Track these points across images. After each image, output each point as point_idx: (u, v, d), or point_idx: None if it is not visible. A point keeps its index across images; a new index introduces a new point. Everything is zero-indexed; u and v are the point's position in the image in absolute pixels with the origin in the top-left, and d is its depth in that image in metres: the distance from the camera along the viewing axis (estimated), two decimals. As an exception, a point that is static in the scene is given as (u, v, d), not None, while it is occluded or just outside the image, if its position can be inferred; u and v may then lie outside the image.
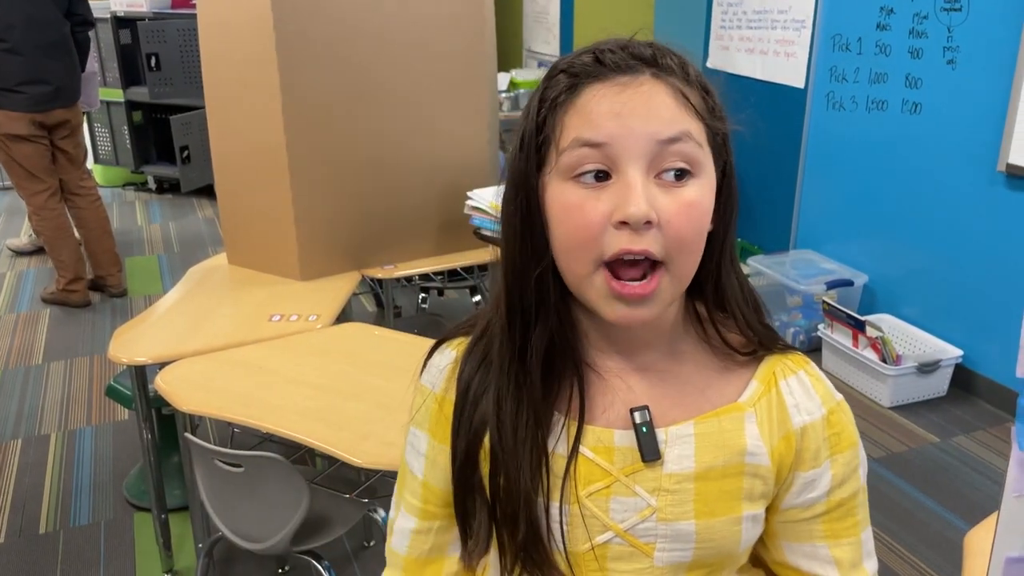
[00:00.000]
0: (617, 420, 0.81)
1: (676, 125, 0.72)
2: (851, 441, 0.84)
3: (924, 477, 2.74)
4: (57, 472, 2.78)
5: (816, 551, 0.86)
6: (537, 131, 0.75)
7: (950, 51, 3.11)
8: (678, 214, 0.72)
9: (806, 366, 0.85)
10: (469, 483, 0.83)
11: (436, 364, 0.89)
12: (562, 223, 0.74)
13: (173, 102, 5.55)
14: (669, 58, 0.75)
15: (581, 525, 0.80)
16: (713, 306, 0.83)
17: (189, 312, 2.24)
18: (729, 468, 0.80)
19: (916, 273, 3.39)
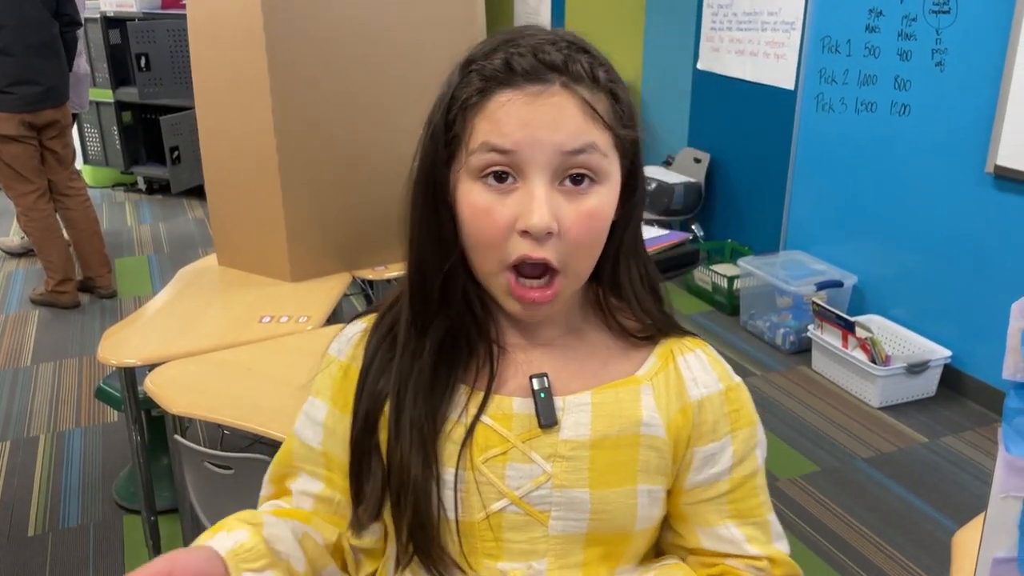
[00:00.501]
0: (517, 389, 0.84)
1: (581, 137, 0.74)
2: (750, 419, 0.87)
3: (913, 477, 2.75)
4: (46, 474, 2.76)
5: (729, 531, 0.87)
6: (447, 128, 0.77)
7: (938, 53, 3.13)
8: (577, 223, 0.75)
9: (704, 347, 0.89)
10: (367, 446, 0.84)
11: (345, 334, 0.91)
12: (470, 224, 0.77)
13: (163, 102, 5.52)
14: (580, 64, 0.75)
15: (476, 492, 0.81)
16: (609, 292, 0.86)
17: (179, 313, 2.23)
18: (624, 438, 0.82)
19: (905, 274, 3.41)
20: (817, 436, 3.00)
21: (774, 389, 3.33)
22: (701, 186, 4.37)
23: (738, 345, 3.72)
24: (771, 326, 3.70)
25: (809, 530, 2.48)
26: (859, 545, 2.42)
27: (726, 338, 3.79)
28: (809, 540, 2.44)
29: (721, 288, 4.02)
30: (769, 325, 3.71)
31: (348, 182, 2.46)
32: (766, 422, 3.26)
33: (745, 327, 3.85)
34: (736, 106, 4.23)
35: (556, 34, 0.78)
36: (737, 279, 3.91)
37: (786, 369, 3.49)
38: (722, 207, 4.43)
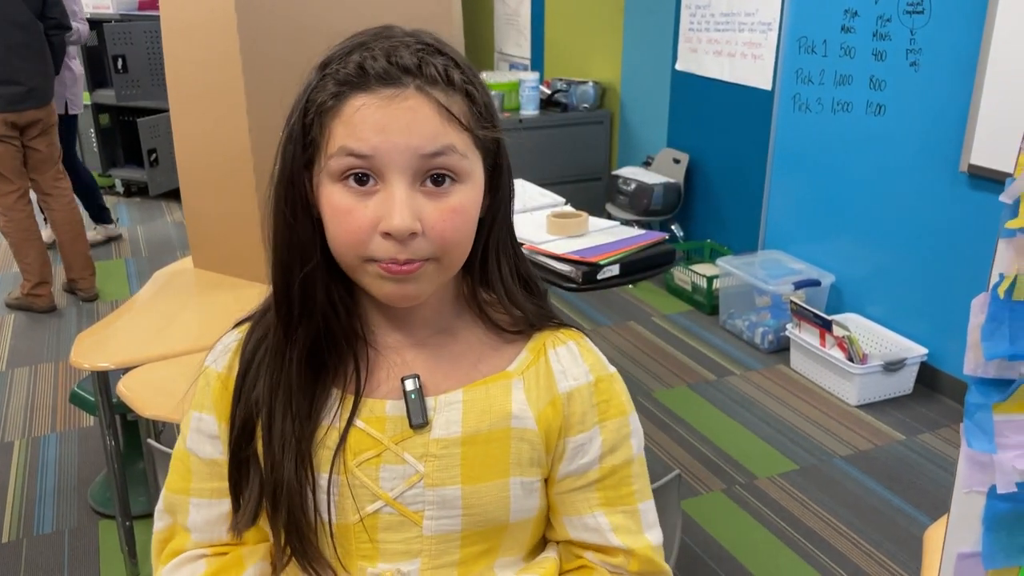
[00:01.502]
0: (391, 392, 0.84)
1: (438, 140, 0.75)
2: (620, 409, 0.88)
3: (890, 474, 2.77)
4: (21, 480, 2.73)
5: (596, 521, 0.88)
6: (304, 132, 0.77)
7: (913, 53, 3.15)
8: (441, 220, 0.76)
9: (578, 338, 0.90)
10: (244, 453, 0.84)
11: (220, 345, 0.91)
12: (332, 224, 0.77)
13: (140, 104, 5.49)
14: (434, 66, 0.76)
15: (349, 496, 0.82)
16: (479, 286, 0.87)
17: (153, 316, 2.21)
18: (495, 432, 0.83)
19: (882, 273, 3.44)
20: (795, 434, 3.01)
21: (753, 388, 3.34)
22: (680, 186, 4.39)
23: (717, 344, 3.73)
24: (750, 325, 3.71)
25: (787, 528, 2.50)
26: (836, 542, 2.44)
27: (705, 338, 3.80)
28: (787, 538, 2.46)
29: (700, 288, 4.03)
30: (748, 324, 3.72)
31: (324, 184, 2.45)
32: (745, 421, 3.27)
33: (724, 326, 3.87)
34: (714, 107, 4.24)
35: (412, 35, 0.80)
36: (716, 279, 3.93)
37: (765, 368, 3.51)
38: (701, 207, 4.45)
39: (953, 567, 0.89)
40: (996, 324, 0.77)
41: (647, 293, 4.29)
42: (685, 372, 3.48)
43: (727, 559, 2.37)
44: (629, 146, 4.99)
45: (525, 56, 5.95)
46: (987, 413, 0.80)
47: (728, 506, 2.61)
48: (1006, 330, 0.76)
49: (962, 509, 0.85)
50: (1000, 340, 0.77)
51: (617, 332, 3.86)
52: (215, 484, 0.88)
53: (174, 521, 0.90)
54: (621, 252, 2.20)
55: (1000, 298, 0.77)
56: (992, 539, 0.85)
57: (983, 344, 0.76)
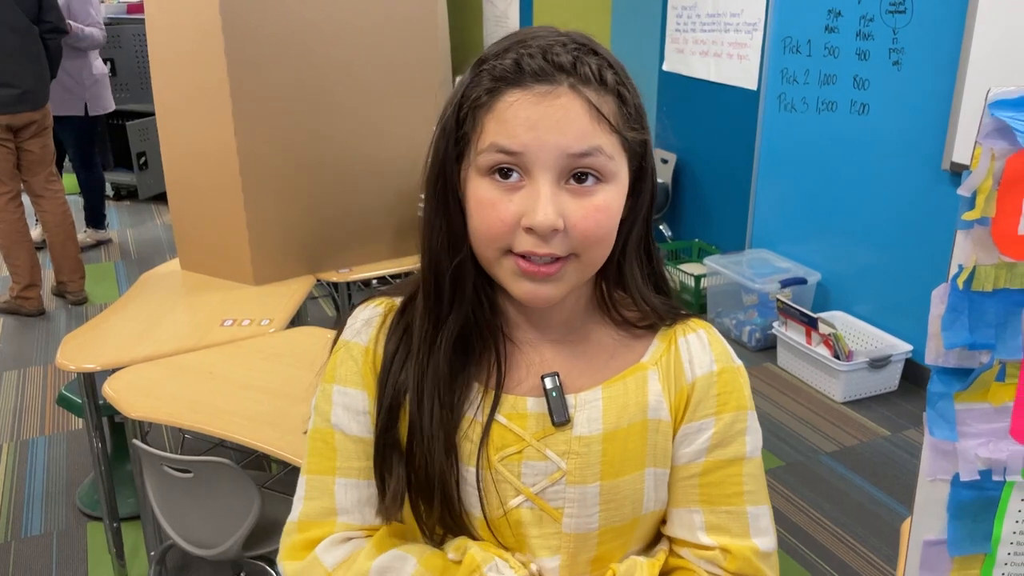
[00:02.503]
0: (531, 389, 0.84)
1: (587, 140, 0.75)
2: (740, 404, 0.86)
3: (874, 470, 2.79)
4: (9, 483, 2.73)
5: (691, 517, 0.86)
6: (457, 126, 0.78)
7: (895, 52, 3.18)
8: (585, 218, 0.76)
9: (707, 327, 0.89)
10: (388, 438, 0.84)
11: (361, 319, 0.89)
12: (476, 216, 0.77)
13: (130, 108, 5.49)
14: (588, 65, 0.76)
15: (494, 490, 0.83)
16: (614, 286, 0.87)
17: (140, 318, 2.22)
18: (634, 426, 0.84)
19: (867, 270, 3.46)
20: (782, 431, 3.03)
21: (740, 386, 3.36)
22: (668, 187, 4.41)
23: (705, 343, 3.74)
24: (737, 324, 3.73)
25: (773, 524, 2.51)
26: (822, 538, 2.46)
27: (694, 336, 3.81)
28: (773, 534, 2.47)
29: (688, 287, 4.05)
30: (735, 323, 3.74)
31: (310, 184, 2.46)
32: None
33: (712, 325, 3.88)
34: (701, 107, 4.27)
35: (567, 35, 0.80)
36: (704, 278, 3.95)
37: (752, 366, 3.53)
38: (689, 207, 4.47)
39: (919, 555, 0.90)
40: (956, 314, 0.78)
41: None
42: (673, 371, 3.50)
43: (713, 555, 2.38)
44: (617, 146, 5.00)
45: (514, 57, 5.96)
46: (948, 402, 0.81)
47: (715, 503, 2.62)
48: (965, 320, 0.78)
49: (927, 497, 0.87)
50: (960, 330, 0.78)
51: (606, 331, 3.87)
52: (362, 463, 0.85)
53: (318, 504, 0.86)
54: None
55: (959, 289, 0.78)
56: (957, 526, 0.87)
57: (943, 334, 0.78)
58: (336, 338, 0.90)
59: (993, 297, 0.78)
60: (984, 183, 0.75)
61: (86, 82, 4.48)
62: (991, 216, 0.76)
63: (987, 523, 0.85)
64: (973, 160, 0.75)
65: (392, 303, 0.89)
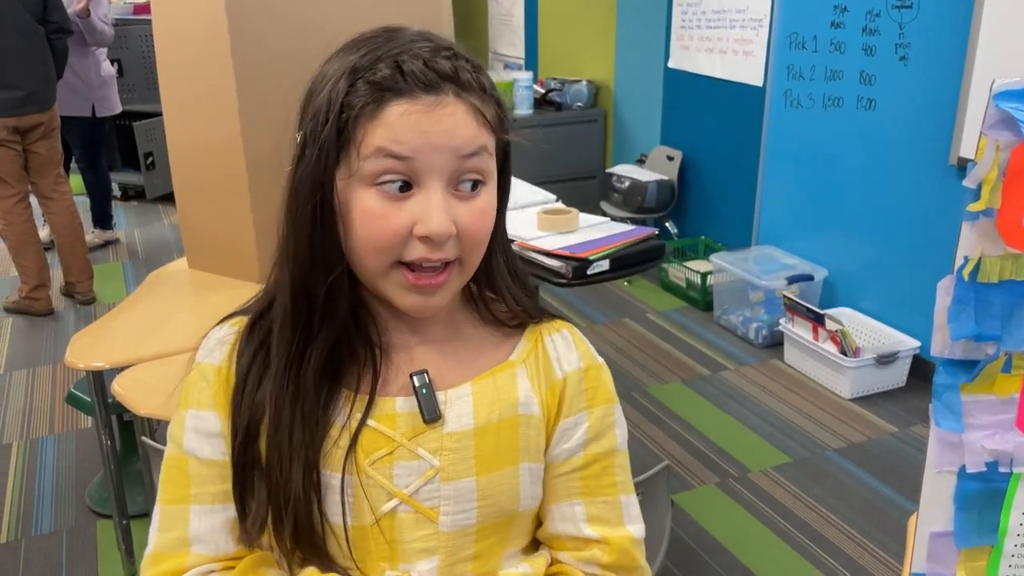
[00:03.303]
0: (400, 389, 0.85)
1: (475, 142, 0.77)
2: (607, 398, 0.90)
3: (883, 467, 2.78)
4: (19, 481, 2.75)
5: (573, 510, 0.89)
6: (337, 136, 0.76)
7: (902, 48, 3.17)
8: (473, 222, 0.78)
9: (570, 328, 0.93)
10: (247, 459, 0.82)
11: (214, 339, 0.88)
12: (362, 228, 0.76)
13: (137, 108, 5.51)
14: (467, 72, 0.77)
15: (363, 497, 0.82)
16: (484, 285, 0.89)
17: (148, 316, 2.23)
18: (505, 421, 0.85)
19: (874, 266, 3.45)
20: (789, 428, 3.03)
21: (747, 383, 3.36)
22: (674, 183, 4.40)
23: (712, 340, 3.75)
24: (744, 321, 3.73)
25: (780, 520, 2.51)
26: (829, 534, 2.45)
27: (700, 333, 3.82)
28: (780, 530, 2.47)
29: (695, 284, 4.05)
30: (742, 320, 3.74)
31: (317, 183, 2.47)
32: (739, 415, 3.28)
33: (718, 322, 3.89)
34: (707, 103, 4.26)
35: (430, 40, 0.80)
36: (710, 275, 3.94)
37: (759, 363, 3.52)
38: (695, 204, 4.47)
39: (926, 547, 0.91)
40: (961, 305, 0.78)
41: (642, 290, 4.31)
42: (679, 367, 3.50)
43: (720, 552, 2.39)
44: (623, 144, 5.01)
45: (519, 56, 5.97)
46: (955, 393, 0.81)
47: (721, 499, 2.63)
48: (971, 311, 0.78)
49: (933, 489, 0.87)
50: (966, 321, 0.78)
51: (612, 328, 3.87)
52: (217, 487, 0.83)
53: (171, 535, 0.83)
54: (611, 247, 2.22)
55: (965, 280, 0.78)
56: (964, 518, 0.87)
57: (949, 325, 0.78)
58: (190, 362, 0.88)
59: (999, 288, 0.78)
60: (989, 174, 0.75)
61: (94, 83, 4.49)
62: (996, 207, 0.76)
63: (994, 515, 0.85)
64: (978, 151, 0.75)
65: (243, 320, 0.87)
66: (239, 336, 0.86)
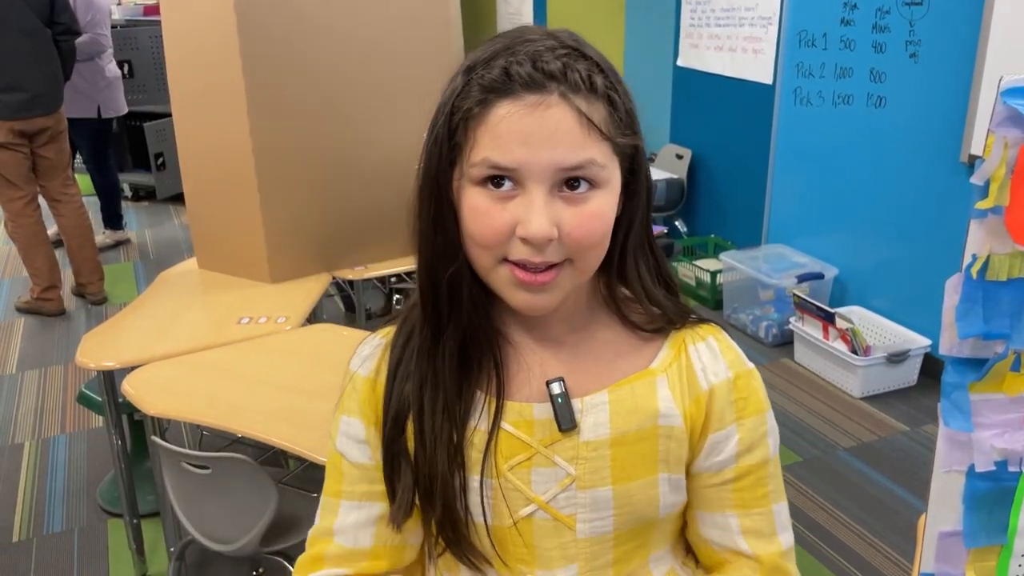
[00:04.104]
0: (536, 394, 0.84)
1: (580, 153, 0.74)
2: (758, 408, 0.87)
3: (894, 466, 2.77)
4: (30, 480, 2.77)
5: (727, 521, 0.88)
6: (449, 135, 0.77)
7: (912, 45, 3.15)
8: (579, 226, 0.76)
9: (716, 333, 0.89)
10: (396, 447, 0.85)
11: (363, 350, 0.91)
12: (470, 224, 0.77)
13: (147, 109, 5.53)
14: (578, 71, 0.75)
15: (503, 499, 0.83)
16: (617, 283, 0.86)
17: (158, 316, 2.24)
18: (644, 432, 0.83)
19: (884, 265, 3.44)
20: (799, 427, 3.02)
21: (757, 382, 3.35)
22: (683, 182, 4.39)
23: (722, 339, 3.73)
24: (754, 319, 3.72)
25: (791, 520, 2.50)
26: (840, 534, 2.44)
27: (710, 332, 3.80)
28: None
29: (704, 283, 4.04)
30: (752, 318, 3.73)
31: (325, 183, 2.47)
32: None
33: (728, 321, 3.87)
34: (716, 102, 4.25)
35: (556, 38, 0.78)
36: (720, 273, 3.93)
37: (769, 362, 3.51)
38: (704, 202, 4.46)
39: (935, 547, 0.90)
40: (970, 304, 0.78)
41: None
42: (689, 367, 3.49)
43: (730, 551, 2.38)
44: (632, 143, 4.99)
45: (528, 55, 5.96)
46: (963, 392, 0.81)
47: (732, 498, 2.62)
48: (979, 309, 0.78)
49: (942, 488, 0.86)
50: (974, 319, 0.78)
51: (621, 328, 3.86)
52: (364, 487, 0.88)
53: (323, 524, 0.90)
54: (619, 246, 2.21)
55: (973, 278, 0.78)
56: (973, 518, 0.86)
57: (957, 324, 0.77)
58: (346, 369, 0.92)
59: (1008, 286, 0.77)
60: (997, 171, 0.74)
61: (99, 84, 4.50)
62: (1005, 205, 0.75)
63: (1003, 514, 0.84)
64: (986, 148, 0.74)
65: (392, 328, 0.90)
66: (387, 348, 0.89)
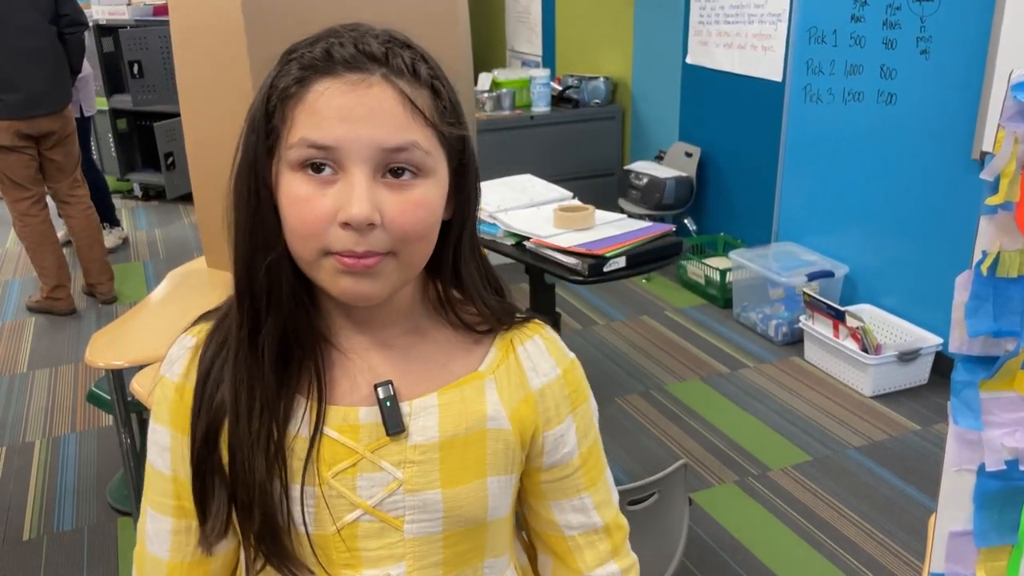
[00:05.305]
0: (362, 399, 0.82)
1: (402, 134, 0.73)
2: (584, 395, 0.91)
3: (905, 465, 2.75)
4: (41, 479, 2.78)
5: (583, 502, 0.91)
6: (267, 119, 0.75)
7: (923, 41, 3.13)
8: (403, 212, 0.74)
9: (541, 330, 0.90)
10: (208, 465, 0.81)
11: (175, 353, 0.86)
12: (290, 213, 0.74)
13: (157, 109, 5.53)
14: (401, 57, 0.74)
15: (325, 507, 0.80)
16: (452, 288, 0.86)
17: (167, 315, 2.24)
18: (471, 435, 0.83)
19: (895, 262, 3.42)
20: (809, 426, 3.00)
21: (766, 380, 3.33)
22: (692, 180, 4.38)
23: (731, 337, 3.72)
24: (764, 318, 3.70)
25: (800, 519, 2.49)
26: (850, 533, 2.43)
27: (719, 331, 3.79)
28: (800, 529, 2.45)
29: (714, 281, 4.02)
30: (762, 317, 3.71)
31: (333, 182, 2.47)
32: (758, 413, 3.25)
33: (738, 319, 3.86)
34: (726, 99, 4.23)
35: (382, 29, 0.79)
36: (729, 272, 3.92)
37: (779, 360, 3.50)
38: (714, 200, 4.44)
39: (945, 546, 0.89)
40: (980, 301, 0.77)
41: (660, 287, 4.29)
42: (698, 365, 3.48)
43: (740, 550, 2.37)
44: (641, 141, 4.98)
45: (536, 53, 5.96)
46: (973, 391, 0.80)
47: (741, 498, 2.61)
48: (990, 307, 0.77)
49: (952, 487, 0.86)
50: (984, 317, 0.77)
51: (630, 326, 3.86)
52: (158, 497, 0.85)
53: (140, 526, 0.89)
54: (627, 244, 2.20)
55: (983, 275, 0.77)
56: (983, 517, 0.86)
57: (967, 322, 0.77)
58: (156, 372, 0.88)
59: (1018, 283, 0.76)
60: (1008, 167, 0.73)
61: (78, 84, 4.50)
62: (1015, 200, 0.74)
63: (1014, 513, 0.84)
64: (996, 144, 0.73)
65: (207, 326, 0.86)
66: (195, 349, 0.84)
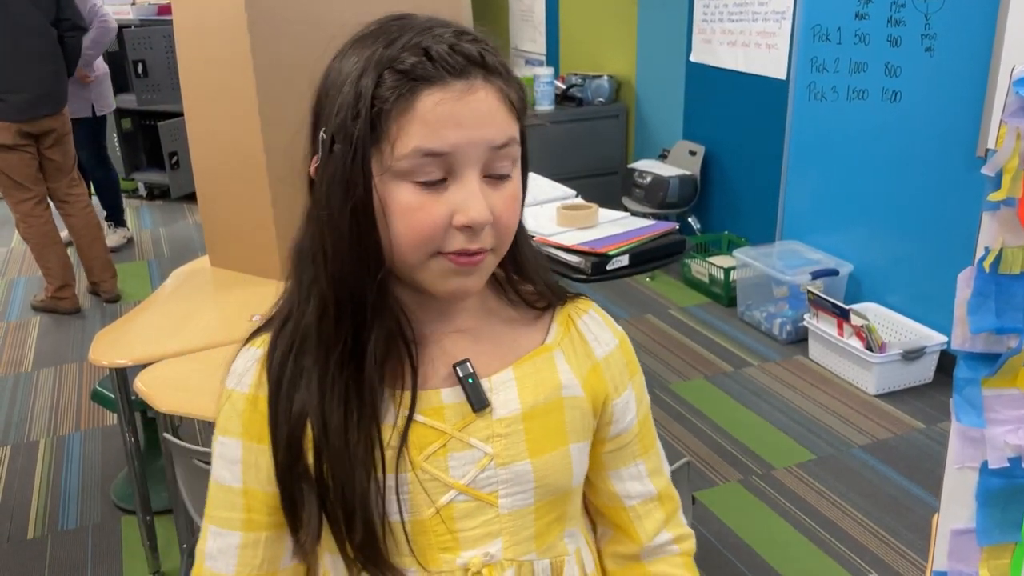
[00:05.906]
0: (441, 381, 0.84)
1: (506, 131, 0.77)
2: (637, 364, 0.96)
3: (909, 463, 2.75)
4: (45, 478, 2.79)
5: (638, 469, 0.95)
6: (371, 130, 0.74)
7: (928, 39, 3.12)
8: (506, 209, 0.78)
9: (593, 305, 0.95)
10: (294, 472, 0.81)
11: (240, 366, 0.87)
12: (400, 223, 0.75)
13: (161, 108, 5.55)
14: (493, 56, 0.76)
15: (421, 491, 0.82)
16: (512, 270, 0.90)
17: (171, 314, 2.25)
18: (550, 404, 0.86)
19: (900, 261, 3.41)
20: (813, 424, 3.00)
21: (771, 379, 3.33)
22: (696, 178, 4.37)
23: (735, 336, 3.72)
24: (768, 316, 3.70)
25: (804, 518, 2.49)
26: (855, 532, 2.43)
27: (723, 329, 3.79)
28: (804, 527, 2.45)
29: (718, 280, 4.02)
30: (766, 315, 3.71)
31: (336, 180, 2.47)
32: (762, 411, 3.25)
33: (742, 318, 3.85)
34: (729, 97, 4.23)
35: (448, 23, 0.78)
36: (733, 270, 3.91)
37: (783, 359, 3.49)
38: (718, 199, 4.43)
39: (948, 545, 0.89)
40: (982, 298, 0.77)
41: (664, 286, 4.28)
42: (703, 364, 3.48)
43: (744, 549, 2.37)
44: (645, 139, 4.98)
45: (540, 52, 5.95)
46: (976, 388, 0.80)
47: (745, 496, 2.60)
48: (992, 304, 0.76)
49: (955, 485, 0.85)
50: (986, 314, 0.76)
51: (634, 325, 3.85)
52: (224, 512, 0.85)
53: (200, 544, 0.88)
54: (630, 243, 2.20)
55: (986, 272, 0.77)
56: (986, 515, 0.85)
57: (969, 318, 0.76)
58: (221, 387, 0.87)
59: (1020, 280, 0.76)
60: (1010, 162, 0.73)
61: (91, 83, 4.51)
62: (1018, 196, 0.74)
63: (1017, 511, 0.83)
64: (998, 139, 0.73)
65: (267, 337, 0.86)
66: (263, 361, 0.84)
